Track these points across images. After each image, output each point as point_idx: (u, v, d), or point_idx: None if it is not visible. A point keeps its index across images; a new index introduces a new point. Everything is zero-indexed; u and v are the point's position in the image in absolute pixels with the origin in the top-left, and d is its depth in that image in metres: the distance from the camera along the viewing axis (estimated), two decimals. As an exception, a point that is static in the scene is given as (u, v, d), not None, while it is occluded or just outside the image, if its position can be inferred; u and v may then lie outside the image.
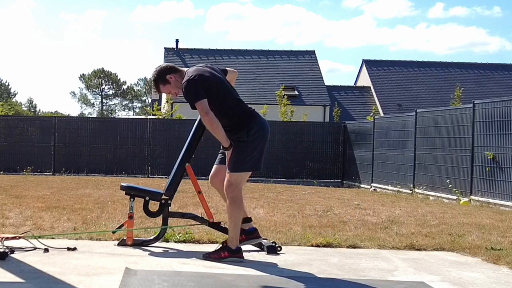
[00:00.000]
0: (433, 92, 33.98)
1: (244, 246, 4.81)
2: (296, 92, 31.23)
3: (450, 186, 12.83)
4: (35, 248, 4.76)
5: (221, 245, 4.71)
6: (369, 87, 35.91)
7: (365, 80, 36.80)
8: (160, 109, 25.48)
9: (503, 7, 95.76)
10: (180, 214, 5.55)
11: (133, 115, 72.33)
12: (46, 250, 4.70)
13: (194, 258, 4.66)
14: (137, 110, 79.47)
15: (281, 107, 23.45)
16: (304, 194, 11.76)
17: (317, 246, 5.37)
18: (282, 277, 4.17)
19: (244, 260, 4.60)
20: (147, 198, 5.20)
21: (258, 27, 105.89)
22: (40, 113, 66.11)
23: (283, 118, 22.67)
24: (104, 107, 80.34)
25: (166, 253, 4.91)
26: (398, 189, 14.94)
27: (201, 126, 4.99)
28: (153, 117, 22.93)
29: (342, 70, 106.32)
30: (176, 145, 17.58)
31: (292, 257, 4.85)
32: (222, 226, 5.16)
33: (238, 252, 4.63)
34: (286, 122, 21.72)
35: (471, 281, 4.23)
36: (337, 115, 28.48)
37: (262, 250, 5.04)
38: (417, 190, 14.24)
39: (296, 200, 10.22)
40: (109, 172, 19.26)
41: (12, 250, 4.56)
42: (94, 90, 79.50)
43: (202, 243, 5.31)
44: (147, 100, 75.91)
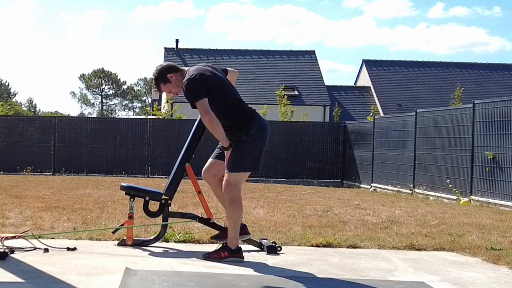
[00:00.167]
0: (433, 92, 33.97)
1: (244, 246, 4.81)
2: (296, 92, 31.23)
3: (450, 186, 12.83)
4: (35, 248, 4.76)
5: (221, 245, 4.71)
6: (369, 87, 35.91)
7: (365, 80, 36.80)
8: (160, 109, 25.48)
9: (503, 7, 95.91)
10: (180, 214, 5.56)
11: (133, 115, 72.34)
12: (46, 250, 4.70)
13: (194, 258, 4.66)
14: (137, 110, 79.52)
15: (281, 107, 23.44)
16: (304, 194, 11.76)
17: (317, 246, 5.37)
18: (282, 277, 4.16)
19: (244, 260, 4.60)
20: (147, 198, 5.20)
21: (258, 27, 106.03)
22: (40, 113, 66.13)
23: (283, 118, 22.67)
24: (104, 107, 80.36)
25: (166, 253, 4.91)
26: (398, 189, 14.94)
27: (201, 126, 4.99)
28: (153, 117, 22.94)
29: (342, 70, 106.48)
30: (176, 145, 17.58)
31: (292, 257, 4.85)
32: (222, 226, 5.16)
33: (238, 252, 4.63)
34: (286, 122, 21.72)
35: (471, 281, 4.23)
36: (337, 115, 28.48)
37: (262, 250, 5.05)
38: (417, 190, 14.24)
39: (296, 200, 10.22)
40: (109, 172, 19.27)
41: (12, 250, 4.56)
42: (94, 90, 79.51)
43: (202, 243, 5.31)
44: (147, 100, 75.92)
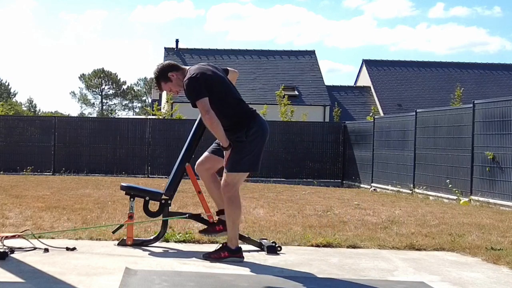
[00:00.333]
0: (433, 92, 33.97)
1: (244, 246, 4.81)
2: (296, 92, 31.23)
3: (450, 186, 12.83)
4: (35, 248, 4.76)
5: (221, 245, 4.71)
6: (369, 87, 35.90)
7: (365, 80, 36.79)
8: (160, 109, 25.48)
9: (504, 7, 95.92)
10: (180, 214, 5.54)
11: (133, 115, 72.33)
12: (46, 250, 4.70)
13: (194, 258, 4.66)
14: (137, 110, 79.52)
15: (281, 107, 23.44)
16: (304, 194, 11.76)
17: (317, 246, 5.37)
18: (282, 277, 4.16)
19: (244, 260, 4.60)
20: (147, 198, 5.20)
21: (258, 27, 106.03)
22: (40, 113, 66.15)
23: (283, 118, 22.67)
24: (104, 107, 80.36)
25: (166, 253, 4.91)
26: (398, 189, 14.93)
27: (201, 126, 4.99)
28: (153, 117, 22.94)
29: (342, 70, 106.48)
30: (176, 145, 17.58)
31: (292, 257, 4.85)
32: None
33: (238, 252, 4.63)
34: (286, 122, 21.72)
35: (471, 281, 4.23)
36: (337, 115, 28.48)
37: (262, 250, 5.05)
38: (417, 190, 14.24)
39: (296, 200, 10.22)
40: (109, 172, 19.26)
41: (12, 250, 4.56)
42: (94, 90, 79.51)
43: (202, 243, 5.31)
44: (147, 100, 75.93)
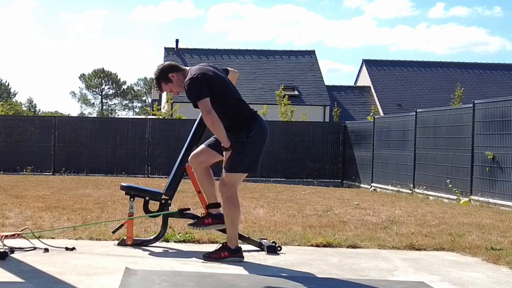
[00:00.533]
0: (433, 92, 33.97)
1: (244, 246, 4.81)
2: (296, 92, 31.23)
3: (450, 186, 12.83)
4: (35, 248, 4.76)
5: (221, 245, 4.71)
6: (369, 87, 35.91)
7: (365, 80, 36.80)
8: (160, 109, 25.48)
9: (504, 7, 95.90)
10: (180, 214, 5.53)
11: (133, 115, 72.35)
12: (46, 250, 4.70)
13: (194, 258, 4.66)
14: (137, 110, 79.51)
15: (281, 107, 23.44)
16: (304, 194, 11.76)
17: (317, 246, 5.37)
18: (282, 277, 4.16)
19: (244, 260, 4.60)
20: (147, 198, 5.21)
21: (258, 27, 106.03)
22: (40, 113, 66.15)
23: (283, 118, 22.67)
24: (104, 107, 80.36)
25: (166, 253, 4.91)
26: (398, 189, 14.93)
27: (201, 126, 4.99)
28: (153, 117, 22.93)
29: (342, 70, 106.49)
30: (176, 145, 17.57)
31: (292, 257, 4.85)
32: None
33: (238, 252, 4.63)
34: (286, 122, 21.73)
35: (471, 281, 4.23)
36: (337, 115, 28.49)
37: (262, 250, 5.05)
38: (417, 190, 14.24)
39: (296, 200, 10.22)
40: (109, 172, 19.26)
41: (12, 250, 4.56)
42: (94, 90, 79.51)
43: (202, 243, 5.31)
44: (147, 100, 75.92)
